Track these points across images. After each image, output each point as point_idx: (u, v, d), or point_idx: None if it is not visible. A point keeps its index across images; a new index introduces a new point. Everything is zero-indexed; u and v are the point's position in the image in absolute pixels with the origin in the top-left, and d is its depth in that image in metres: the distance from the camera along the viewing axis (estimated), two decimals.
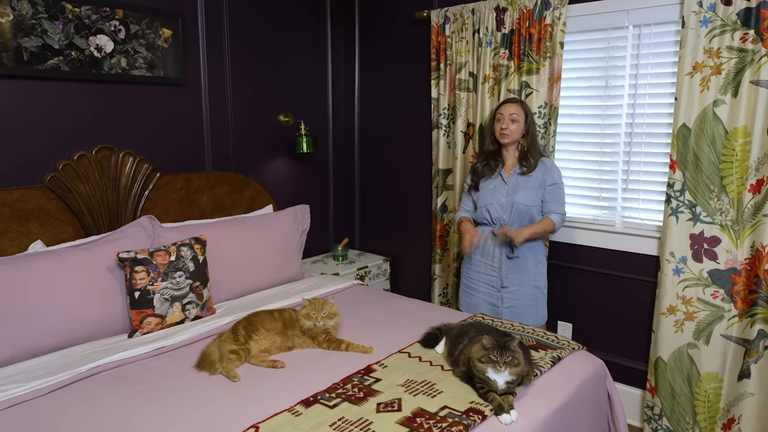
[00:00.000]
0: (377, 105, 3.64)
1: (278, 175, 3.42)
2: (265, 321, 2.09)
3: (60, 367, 1.88)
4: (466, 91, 3.06)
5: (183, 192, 2.79)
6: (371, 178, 3.76)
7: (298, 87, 3.46)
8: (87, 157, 2.44)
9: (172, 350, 2.07)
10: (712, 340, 2.40)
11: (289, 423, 1.54)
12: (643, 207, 2.68)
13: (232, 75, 3.07)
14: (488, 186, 2.58)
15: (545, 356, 1.97)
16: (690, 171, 2.39)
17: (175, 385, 1.79)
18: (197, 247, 2.39)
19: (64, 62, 2.37)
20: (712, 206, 2.35)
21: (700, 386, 2.44)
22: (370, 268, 3.50)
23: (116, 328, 2.20)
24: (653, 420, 2.61)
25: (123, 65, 2.57)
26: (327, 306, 2.13)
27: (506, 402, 1.64)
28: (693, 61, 2.31)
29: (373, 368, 1.89)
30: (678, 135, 2.39)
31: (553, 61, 2.70)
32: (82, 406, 1.67)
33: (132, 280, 2.18)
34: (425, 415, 1.59)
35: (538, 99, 2.76)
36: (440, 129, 3.20)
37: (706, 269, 2.40)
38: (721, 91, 2.27)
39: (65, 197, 2.37)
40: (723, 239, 2.34)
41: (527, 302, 2.56)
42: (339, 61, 3.71)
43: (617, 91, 2.68)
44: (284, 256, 2.84)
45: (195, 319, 2.33)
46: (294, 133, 3.40)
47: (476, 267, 2.64)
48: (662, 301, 2.50)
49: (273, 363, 1.93)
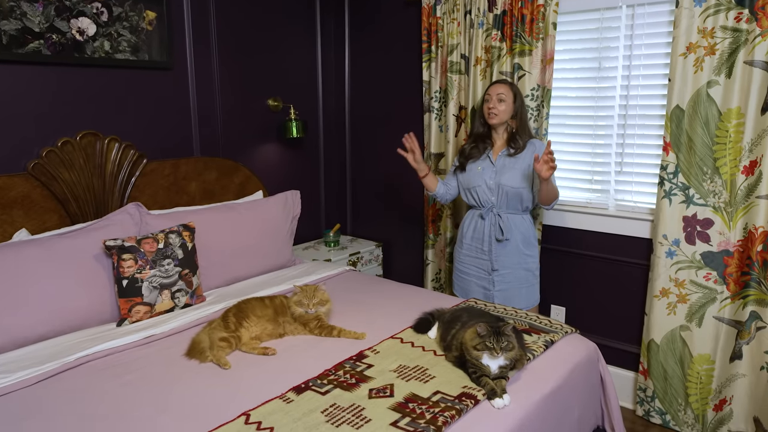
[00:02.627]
0: (368, 89, 3.60)
1: (268, 160, 3.39)
2: (256, 308, 2.09)
3: (47, 357, 1.87)
4: (458, 74, 3.03)
5: (171, 178, 2.76)
6: (363, 162, 3.74)
7: (288, 70, 3.41)
8: (71, 143, 2.40)
9: (161, 339, 2.06)
10: (704, 322, 2.42)
11: (280, 410, 1.54)
12: (637, 190, 2.68)
13: (220, 58, 3.02)
14: (476, 168, 2.57)
15: (538, 340, 1.98)
16: (683, 153, 2.38)
17: (165, 374, 1.79)
18: (186, 235, 2.37)
19: (45, 46, 2.32)
20: (705, 188, 2.35)
21: (693, 368, 2.46)
22: (362, 254, 3.49)
23: (104, 317, 2.19)
24: (646, 402, 2.63)
25: (106, 49, 2.52)
26: (319, 293, 2.12)
27: (499, 386, 1.64)
28: (687, 41, 2.30)
29: (366, 354, 1.89)
30: (671, 117, 2.38)
31: (545, 42, 2.68)
32: (70, 396, 1.66)
33: (120, 268, 2.16)
34: (418, 401, 1.59)
35: (530, 81, 2.74)
36: (432, 112, 3.18)
37: (699, 251, 2.40)
38: (715, 72, 2.26)
39: (50, 185, 2.34)
40: (716, 221, 2.35)
41: (518, 285, 2.56)
42: (329, 43, 3.66)
43: (610, 73, 2.66)
44: (275, 243, 2.83)
45: (185, 307, 2.32)
46: (283, 118, 3.36)
47: (467, 251, 2.64)
48: (655, 284, 2.52)
49: (264, 350, 1.93)
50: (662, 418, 2.59)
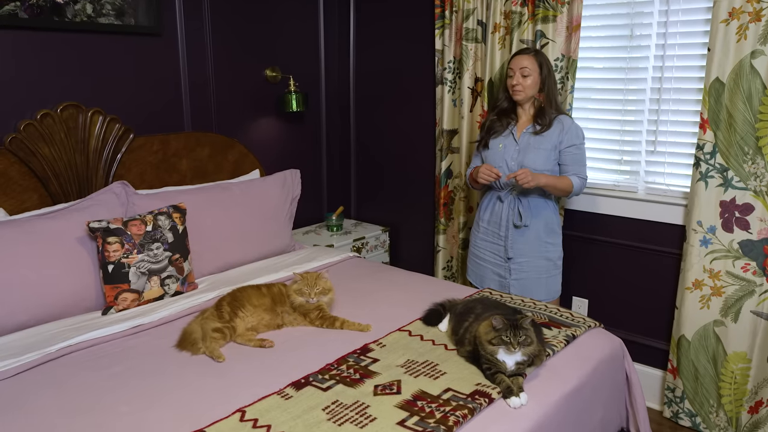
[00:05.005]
0: (375, 58, 3.57)
1: (265, 136, 3.37)
2: (252, 297, 2.09)
3: (27, 347, 1.88)
4: (474, 42, 2.99)
5: (160, 155, 2.75)
6: (368, 139, 3.71)
7: (287, 38, 3.38)
8: (51, 116, 2.39)
9: (150, 328, 2.07)
10: (740, 317, 2.40)
11: (278, 407, 1.54)
12: (669, 171, 2.65)
13: (213, 23, 2.99)
14: (498, 145, 2.55)
15: (558, 334, 1.97)
16: (722, 131, 2.35)
17: (154, 366, 1.79)
18: (176, 216, 2.37)
19: (21, 8, 2.30)
20: (746, 170, 2.32)
21: (727, 367, 2.45)
22: (367, 240, 3.49)
23: (89, 304, 2.20)
24: (674, 403, 2.63)
25: (88, 12, 2.50)
26: (321, 281, 2.12)
27: (515, 384, 1.64)
28: (729, 6, 2.25)
29: (371, 348, 1.89)
30: (710, 91, 2.34)
31: (572, 7, 2.64)
32: (52, 389, 1.67)
33: (105, 253, 2.17)
34: (427, 398, 1.59)
35: (554, 50, 2.71)
36: (445, 85, 3.14)
37: (736, 240, 2.38)
38: (760, 41, 2.21)
39: (28, 161, 2.34)
40: (757, 207, 2.32)
41: (537, 275, 2.55)
42: (332, 8, 3.62)
43: (643, 42, 2.62)
44: (273, 226, 2.83)
45: (175, 294, 2.33)
46: (282, 90, 3.34)
47: (484, 234, 2.63)
48: (687, 275, 2.50)
49: (261, 342, 1.93)
50: (692, 421, 2.59)
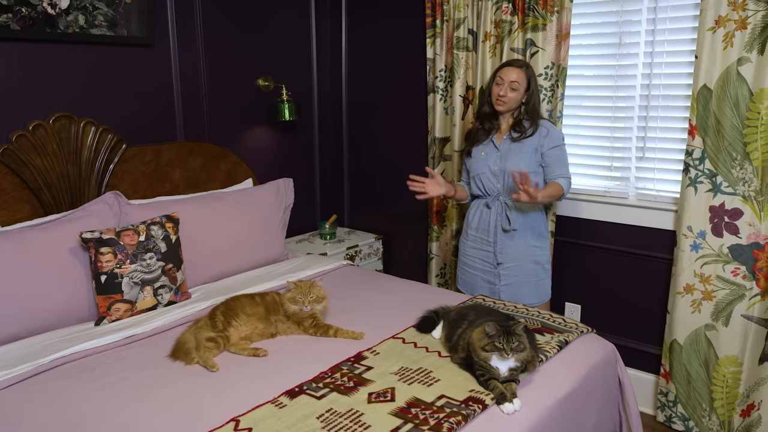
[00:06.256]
0: (367, 67, 3.59)
1: (258, 145, 3.38)
2: (246, 306, 2.09)
3: (20, 359, 1.87)
4: (465, 51, 3.02)
5: (152, 165, 2.75)
6: (361, 148, 3.72)
7: (279, 48, 3.40)
8: (43, 126, 2.39)
9: (143, 339, 2.07)
10: (731, 321, 2.42)
11: (272, 416, 1.54)
12: (659, 177, 2.67)
13: (205, 34, 3.00)
14: (480, 153, 2.58)
15: (551, 340, 1.98)
16: (711, 137, 2.37)
17: (148, 377, 1.79)
18: (169, 226, 2.37)
19: (13, 20, 2.31)
20: (735, 175, 2.35)
21: (718, 370, 2.47)
22: (360, 247, 3.50)
23: (81, 315, 2.19)
24: (667, 407, 2.65)
25: (81, 23, 2.50)
26: (314, 289, 2.12)
27: (509, 390, 1.65)
28: (716, 14, 2.28)
29: (364, 355, 1.89)
30: (698, 97, 2.37)
31: (561, 15, 2.66)
32: (45, 401, 1.66)
33: (97, 263, 2.16)
34: (421, 405, 1.59)
35: (544, 59, 2.73)
36: (436, 93, 3.16)
37: (726, 244, 2.40)
38: (747, 48, 2.24)
39: (20, 172, 2.33)
40: (745, 211, 2.34)
41: (526, 279, 2.57)
42: (324, 17, 3.64)
43: (632, 50, 2.65)
44: (266, 235, 2.83)
45: (168, 304, 2.33)
46: (275, 99, 3.35)
47: (472, 242, 2.65)
48: (678, 280, 2.52)
49: (254, 351, 1.93)
50: (685, 425, 2.60)
